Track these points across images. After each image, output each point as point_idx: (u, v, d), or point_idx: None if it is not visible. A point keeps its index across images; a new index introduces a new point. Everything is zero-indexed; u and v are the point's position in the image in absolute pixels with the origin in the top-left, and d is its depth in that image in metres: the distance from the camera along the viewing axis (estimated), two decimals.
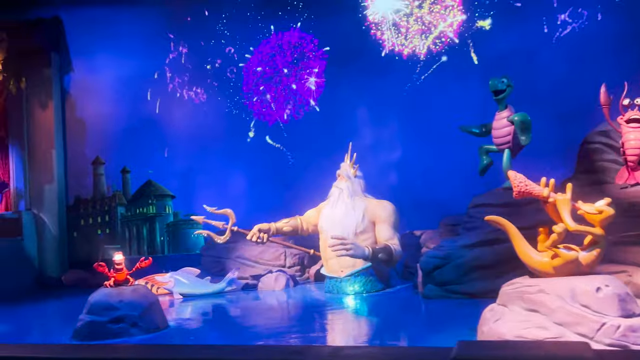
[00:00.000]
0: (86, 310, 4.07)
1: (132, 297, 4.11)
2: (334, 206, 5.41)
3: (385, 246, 5.08)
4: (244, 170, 7.98)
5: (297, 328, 4.12)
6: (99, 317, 3.98)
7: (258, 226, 5.75)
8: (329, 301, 5.06)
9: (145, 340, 3.91)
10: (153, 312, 4.19)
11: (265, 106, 7.80)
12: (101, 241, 8.59)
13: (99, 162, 8.69)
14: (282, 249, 6.40)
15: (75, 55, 8.71)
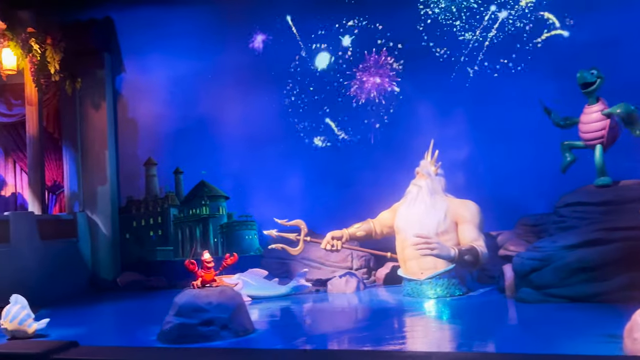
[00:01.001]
0: (174, 312, 3.92)
1: (221, 298, 3.96)
2: (413, 205, 5.18)
3: (472, 247, 4.83)
4: (301, 170, 7.80)
5: (391, 334, 3.92)
6: (188, 320, 3.84)
7: (331, 234, 5.57)
8: (412, 305, 4.83)
9: (237, 344, 3.74)
10: (241, 314, 4.03)
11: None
12: (154, 243, 8.51)
13: (151, 163, 8.60)
14: (348, 250, 6.19)
15: (127, 55, 8.65)
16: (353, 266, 6.11)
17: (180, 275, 8.08)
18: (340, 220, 6.55)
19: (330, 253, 6.11)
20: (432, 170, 5.40)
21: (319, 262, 6.16)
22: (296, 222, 5.86)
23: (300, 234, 5.85)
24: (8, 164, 8.41)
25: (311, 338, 3.99)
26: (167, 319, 3.93)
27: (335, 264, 6.10)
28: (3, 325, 4.52)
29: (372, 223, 5.75)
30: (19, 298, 4.69)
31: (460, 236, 5.06)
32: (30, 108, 7.28)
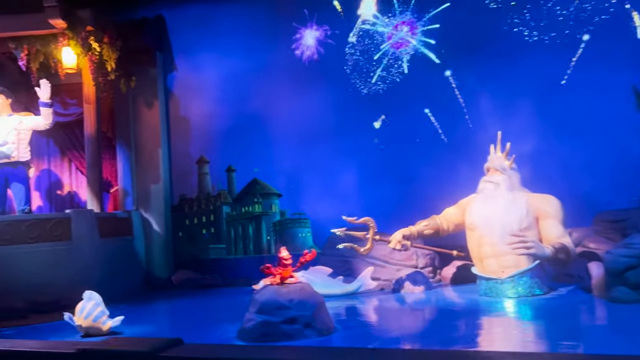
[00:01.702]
0: (255, 310, 3.81)
1: (302, 296, 3.83)
2: (490, 201, 4.95)
3: (563, 245, 4.57)
4: (356, 166, 7.65)
5: (479, 336, 3.71)
6: (271, 318, 3.72)
7: (400, 232, 5.38)
8: (494, 305, 4.61)
9: (322, 343, 3.60)
10: (322, 312, 3.89)
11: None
12: (206, 241, 8.48)
13: (204, 161, 8.59)
14: (412, 248, 5.99)
15: (178, 54, 8.66)
16: (418, 265, 5.91)
17: (233, 273, 8.06)
18: (399, 218, 6.36)
19: (395, 251, 5.92)
20: (506, 164, 5.16)
21: (382, 261, 5.98)
22: (365, 219, 5.69)
23: (369, 232, 5.68)
24: (64, 163, 8.50)
25: (399, 338, 3.83)
26: (248, 317, 3.83)
27: (400, 263, 5.92)
28: (77, 322, 4.51)
29: (438, 220, 5.55)
30: (93, 294, 4.67)
31: (544, 232, 4.81)
32: (88, 107, 7.32)
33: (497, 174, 5.13)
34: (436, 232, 5.51)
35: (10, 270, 6.03)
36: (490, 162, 5.27)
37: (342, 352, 2.50)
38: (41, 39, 7.00)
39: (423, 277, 5.60)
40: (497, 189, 4.99)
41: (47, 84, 6.80)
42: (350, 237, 5.76)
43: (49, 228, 6.39)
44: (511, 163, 5.22)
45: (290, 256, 4.05)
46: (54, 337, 4.64)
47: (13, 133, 6.84)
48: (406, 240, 5.32)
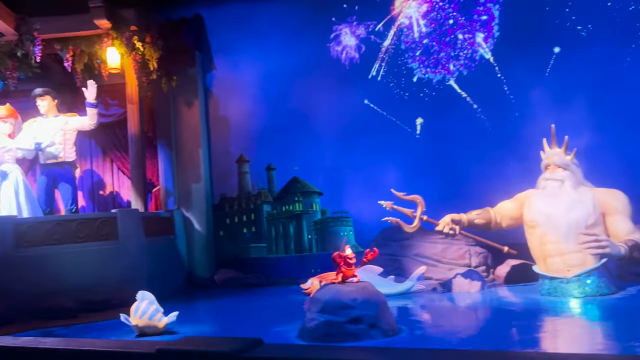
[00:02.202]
0: (317, 309, 3.71)
1: (365, 295, 3.72)
2: (554, 197, 4.74)
3: (635, 242, 4.35)
4: (399, 163, 7.49)
5: (551, 337, 3.53)
6: (335, 317, 3.61)
7: (450, 216, 5.20)
8: (560, 305, 4.41)
9: (388, 343, 3.48)
10: (386, 312, 3.77)
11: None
12: (247, 240, 8.44)
13: (244, 160, 8.55)
14: (465, 246, 5.83)
15: (217, 53, 8.64)
16: (472, 263, 5.73)
17: (275, 272, 8.00)
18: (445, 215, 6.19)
19: (447, 250, 5.78)
20: (567, 159, 4.94)
21: (434, 259, 5.83)
22: (414, 197, 5.52)
23: (417, 211, 5.52)
24: (106, 163, 8.57)
25: (469, 339, 3.67)
26: (310, 316, 3.73)
27: (453, 261, 5.75)
28: (133, 322, 4.49)
29: (492, 212, 5.35)
30: (145, 294, 4.65)
31: (612, 229, 4.59)
32: (131, 107, 7.35)
33: (558, 171, 4.92)
34: (487, 223, 5.31)
35: (60, 269, 6.08)
36: (549, 158, 5.05)
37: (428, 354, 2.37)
38: (86, 39, 7.05)
39: (478, 276, 5.42)
40: (561, 186, 4.77)
41: (94, 85, 6.85)
42: (397, 213, 5.58)
43: (97, 227, 6.43)
44: (572, 157, 5.00)
45: (354, 254, 3.93)
46: (107, 336, 4.64)
47: (59, 134, 6.91)
48: (455, 225, 5.14)
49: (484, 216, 5.29)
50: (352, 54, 7.92)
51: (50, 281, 5.98)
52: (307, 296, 6.07)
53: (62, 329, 5.32)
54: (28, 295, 5.84)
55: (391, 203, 5.48)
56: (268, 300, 6.23)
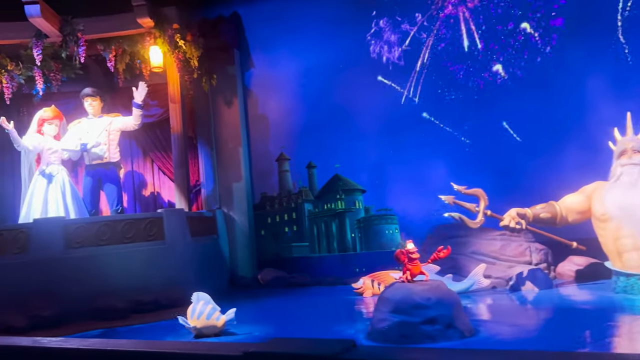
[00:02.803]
0: (389, 309, 3.55)
1: (439, 294, 3.54)
2: (629, 189, 4.47)
3: None
4: (447, 159, 7.26)
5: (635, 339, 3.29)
6: (409, 318, 3.45)
7: (515, 210, 4.96)
8: (638, 304, 4.15)
9: (467, 345, 3.29)
10: (461, 312, 3.58)
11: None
12: (289, 239, 8.33)
13: (284, 158, 8.43)
14: (526, 242, 5.59)
15: (255, 51, 8.56)
16: (532, 261, 5.49)
17: (318, 271, 7.86)
18: (499, 212, 5.94)
19: (506, 247, 5.55)
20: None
21: (492, 257, 5.60)
22: (475, 191, 5.28)
23: (479, 205, 5.28)
24: (146, 164, 8.55)
25: (549, 340, 3.46)
26: (380, 317, 3.57)
27: (512, 259, 5.52)
28: (192, 323, 4.40)
29: (557, 206, 5.10)
30: (200, 295, 4.56)
31: None
32: (173, 106, 7.31)
33: (638, 155, 4.64)
34: (553, 218, 5.06)
35: (110, 270, 6.05)
36: (626, 144, 4.75)
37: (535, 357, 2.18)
38: (128, 39, 7.03)
39: (543, 274, 5.18)
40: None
41: (145, 86, 6.82)
42: (459, 208, 5.35)
43: (144, 228, 6.39)
44: None
45: (416, 249, 3.75)
46: (167, 337, 4.56)
47: (104, 134, 6.90)
48: (521, 219, 4.90)
49: (549, 210, 5.05)
50: (394, 49, 7.73)
51: (101, 282, 5.96)
52: (360, 296, 5.92)
53: (119, 330, 5.27)
54: (79, 296, 5.82)
55: (452, 197, 5.25)
56: (318, 300, 6.10)
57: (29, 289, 5.77)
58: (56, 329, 5.50)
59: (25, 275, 5.86)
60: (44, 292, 5.74)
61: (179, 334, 4.55)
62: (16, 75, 6.94)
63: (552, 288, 5.11)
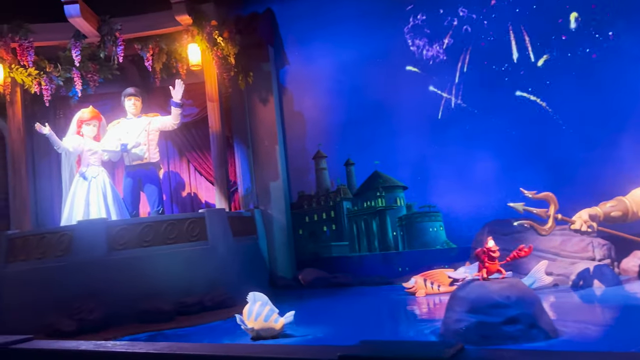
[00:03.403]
0: (465, 309, 3.34)
1: (519, 292, 3.32)
2: None
3: None
4: (493, 151, 7.00)
5: None
6: (489, 318, 3.24)
7: (586, 211, 4.71)
8: None
9: (553, 346, 3.05)
10: (543, 311, 3.35)
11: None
12: (328, 238, 8.15)
13: (321, 156, 8.26)
14: (587, 237, 5.31)
15: (289, 47, 8.41)
16: (595, 256, 5.22)
17: (360, 271, 7.66)
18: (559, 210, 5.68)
19: (566, 242, 5.31)
20: None
21: (552, 253, 5.34)
22: (546, 195, 5.03)
23: (549, 209, 5.03)
24: (183, 164, 8.46)
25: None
26: (456, 317, 3.36)
27: (574, 255, 5.26)
28: (249, 324, 4.24)
29: (626, 202, 4.83)
30: (256, 295, 4.40)
31: None
32: (211, 105, 7.18)
33: None
34: (624, 215, 4.80)
35: (153, 272, 5.94)
36: None
37: None
38: (165, 38, 6.94)
39: (609, 270, 4.91)
40: None
41: (182, 84, 6.71)
42: (529, 214, 5.09)
43: (186, 228, 6.27)
44: None
45: (497, 247, 3.53)
46: (223, 339, 4.41)
47: (144, 134, 6.81)
48: (592, 221, 4.64)
49: (619, 207, 4.79)
50: (434, 42, 7.50)
51: (145, 284, 5.85)
52: (412, 296, 5.71)
53: (167, 333, 5.15)
54: (123, 298, 5.73)
55: (522, 204, 5.01)
56: (368, 300, 5.91)
57: (74, 292, 5.70)
58: (104, 332, 5.42)
59: (69, 278, 5.79)
60: (89, 295, 5.65)
61: (235, 336, 4.40)
62: (55, 77, 6.89)
63: (619, 285, 4.83)
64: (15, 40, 6.54)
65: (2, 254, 6.32)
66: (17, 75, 6.82)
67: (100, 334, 5.35)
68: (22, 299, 5.97)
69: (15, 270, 6.14)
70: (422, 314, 4.67)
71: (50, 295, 5.76)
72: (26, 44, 6.53)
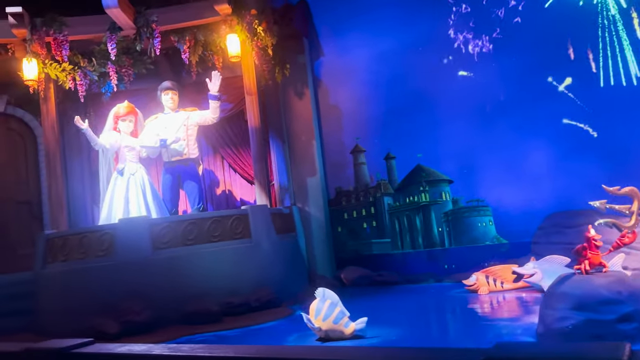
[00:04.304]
0: (571, 306, 3.06)
1: (629, 286, 3.02)
2: None
3: None
4: (546, 141, 6.67)
5: None
6: (599, 315, 2.94)
7: None
8: None
9: None
10: None
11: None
12: (368, 235, 7.86)
13: (359, 150, 7.98)
14: None
15: (324, 38, 8.14)
16: None
17: (402, 269, 7.37)
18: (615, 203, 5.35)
19: None
20: None
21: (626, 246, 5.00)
22: (630, 190, 4.69)
23: (633, 205, 4.69)
24: (217, 161, 8.22)
25: None
26: (558, 314, 3.07)
27: None
28: (316, 324, 3.97)
29: None
30: (326, 293, 4.12)
31: None
32: (250, 98, 6.93)
33: None
34: None
35: (199, 271, 5.71)
36: None
37: None
38: (202, 29, 6.69)
39: None
40: None
41: (219, 76, 6.46)
42: (612, 211, 4.75)
43: (230, 226, 6.02)
44: None
45: (600, 236, 3.22)
46: (285, 341, 4.15)
47: (182, 129, 6.57)
48: None
49: None
50: (480, 30, 7.18)
51: (190, 284, 5.62)
52: (473, 293, 5.41)
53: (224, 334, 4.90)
54: (169, 299, 5.50)
55: (604, 202, 4.66)
56: (422, 299, 5.63)
57: (117, 293, 5.47)
58: (150, 334, 5.18)
59: (112, 278, 5.56)
60: (133, 296, 5.43)
61: (300, 337, 4.13)
62: (89, 72, 6.67)
63: None
64: (50, 34, 6.32)
65: (40, 255, 6.12)
66: (51, 70, 6.62)
67: (147, 336, 5.11)
68: (62, 301, 5.77)
69: (54, 272, 5.94)
70: (496, 312, 4.37)
71: (93, 297, 5.54)
72: (61, 37, 6.31)
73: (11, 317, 6.30)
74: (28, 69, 6.32)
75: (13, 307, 6.39)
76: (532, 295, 4.91)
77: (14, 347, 3.35)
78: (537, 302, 4.53)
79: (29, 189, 7.84)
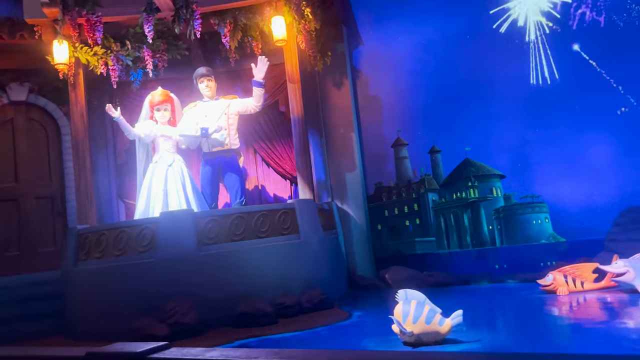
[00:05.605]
0: None
1: None
2: None
3: None
4: (607, 134, 6.29)
5: None
6: None
7: None
8: None
9: None
10: None
11: None
12: (411, 233, 7.44)
13: (401, 143, 7.57)
14: None
15: (364, 26, 7.74)
16: None
17: (449, 269, 6.96)
18: None
19: None
20: None
21: None
22: None
23: None
24: (249, 155, 7.78)
25: None
26: None
27: None
28: (408, 328, 3.54)
29: None
30: (409, 293, 3.70)
31: None
32: (292, 86, 6.51)
33: None
34: None
35: (248, 269, 5.27)
36: None
37: None
38: (245, 11, 6.27)
39: None
40: None
41: (265, 61, 6.03)
42: None
43: (278, 220, 5.59)
44: None
45: None
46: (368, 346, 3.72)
47: (223, 118, 6.13)
48: None
49: None
50: (536, 11, 6.81)
51: (239, 283, 5.18)
52: (550, 294, 4.99)
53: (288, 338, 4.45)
54: (217, 299, 5.06)
55: None
56: (498, 300, 5.22)
57: (161, 292, 5.03)
58: (201, 337, 4.74)
59: (154, 277, 5.12)
60: (179, 296, 4.99)
61: (377, 341, 3.70)
62: (122, 56, 6.23)
63: None
64: (82, 14, 5.88)
65: (71, 252, 5.66)
66: (82, 54, 6.18)
67: (198, 338, 4.68)
68: (97, 302, 5.31)
69: (88, 270, 5.48)
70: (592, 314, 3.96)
71: (133, 297, 5.10)
72: (94, 18, 5.88)
73: (36, 320, 5.87)
74: (59, 51, 5.88)
75: (37, 308, 5.96)
76: (616, 296, 4.50)
77: (76, 351, 2.93)
78: (628, 303, 4.14)
79: (52, 183, 7.39)
